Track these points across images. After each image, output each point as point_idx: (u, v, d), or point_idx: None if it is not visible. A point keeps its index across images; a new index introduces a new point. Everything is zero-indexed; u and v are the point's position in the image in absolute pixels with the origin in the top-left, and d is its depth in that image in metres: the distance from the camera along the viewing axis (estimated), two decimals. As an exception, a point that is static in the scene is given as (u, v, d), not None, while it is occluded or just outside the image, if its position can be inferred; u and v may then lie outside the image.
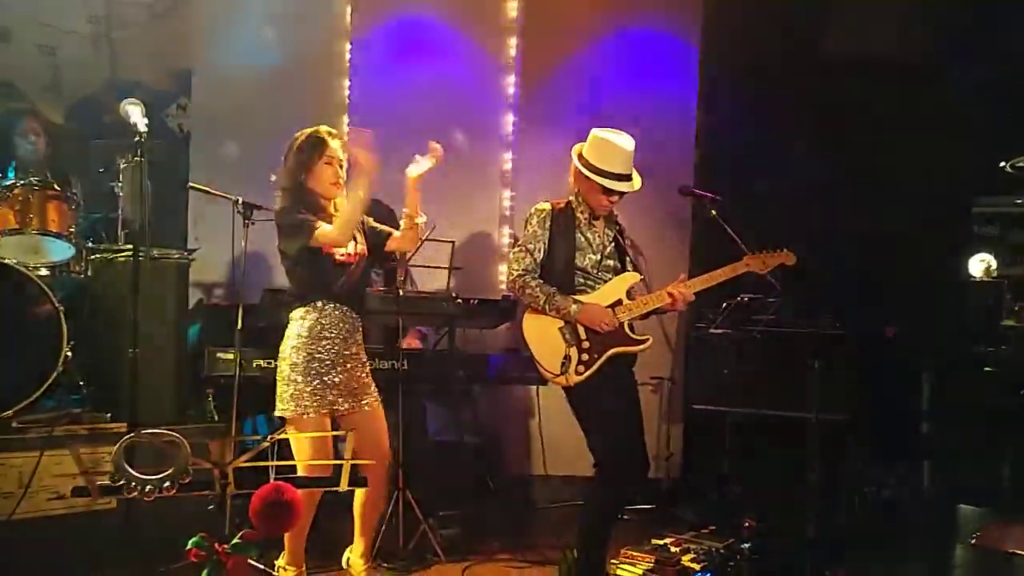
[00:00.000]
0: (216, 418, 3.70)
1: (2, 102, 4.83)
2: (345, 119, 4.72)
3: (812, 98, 4.77)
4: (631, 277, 3.17)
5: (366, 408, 2.93)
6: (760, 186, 4.74)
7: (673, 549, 3.56)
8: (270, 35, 4.86)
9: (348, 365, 2.89)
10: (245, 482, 2.08)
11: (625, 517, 4.25)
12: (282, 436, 2.15)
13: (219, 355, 3.59)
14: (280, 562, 2.95)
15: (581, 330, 3.03)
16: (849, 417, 3.89)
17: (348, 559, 3.10)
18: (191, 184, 3.86)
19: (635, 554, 3.45)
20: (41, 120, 4.42)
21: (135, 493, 1.92)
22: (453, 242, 3.92)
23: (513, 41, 4.88)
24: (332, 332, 2.87)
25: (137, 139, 2.77)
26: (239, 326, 3.36)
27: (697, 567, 3.40)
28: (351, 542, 3.08)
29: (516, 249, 3.14)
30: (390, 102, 4.72)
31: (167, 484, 1.91)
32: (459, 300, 3.74)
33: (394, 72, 4.83)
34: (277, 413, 2.86)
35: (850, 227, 4.57)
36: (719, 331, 4.29)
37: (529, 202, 3.23)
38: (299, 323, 2.87)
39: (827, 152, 4.74)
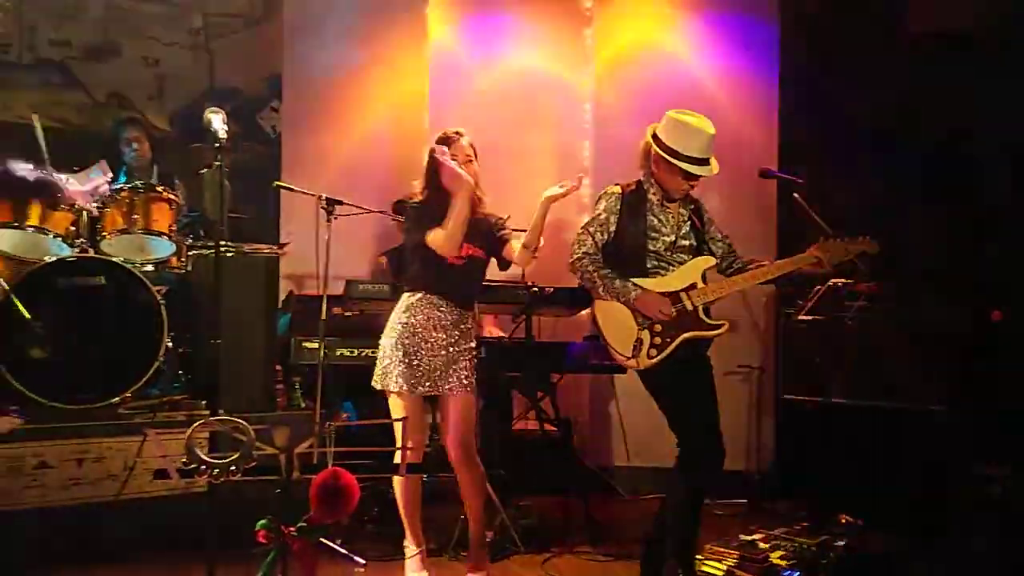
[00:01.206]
0: (303, 405, 3.85)
1: (114, 111, 5.21)
2: (426, 116, 4.80)
3: (898, 74, 4.48)
4: (706, 261, 3.06)
5: (448, 395, 3.04)
6: (847, 166, 4.49)
7: (761, 545, 3.42)
8: (353, 37, 5.02)
9: (439, 353, 3.01)
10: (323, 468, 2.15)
11: (717, 512, 4.15)
12: (341, 424, 2.20)
13: (305, 344, 3.74)
14: (405, 541, 3.13)
15: (654, 312, 2.97)
16: (952, 408, 3.62)
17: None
18: (277, 183, 4.03)
19: (721, 550, 3.35)
20: (145, 127, 4.72)
21: (205, 476, 2.01)
22: (526, 230, 3.90)
23: (589, 31, 4.83)
24: (430, 321, 3.02)
25: (217, 145, 2.92)
26: (323, 316, 3.48)
27: (785, 564, 3.27)
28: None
29: (579, 231, 3.10)
30: (469, 97, 4.78)
31: (232, 468, 1.99)
32: (534, 288, 3.72)
33: (472, 67, 4.89)
34: (372, 382, 3.08)
35: (947, 206, 4.26)
36: (809, 317, 4.09)
37: (605, 190, 3.18)
38: (402, 306, 3.07)
39: (918, 129, 4.44)
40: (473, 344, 3.13)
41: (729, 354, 4.40)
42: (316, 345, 3.57)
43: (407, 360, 2.99)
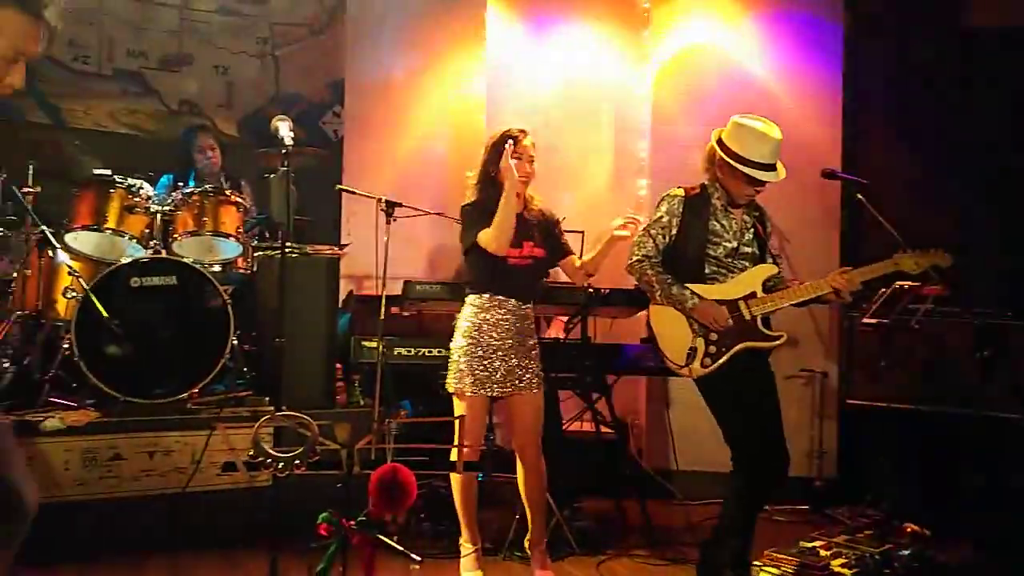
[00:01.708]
0: (362, 403, 3.92)
1: (186, 118, 5.41)
2: (483, 118, 4.85)
3: (967, 74, 4.31)
4: (767, 269, 3.02)
5: (522, 394, 3.04)
6: (914, 169, 4.36)
7: (822, 553, 3.37)
8: (412, 42, 5.10)
9: (511, 353, 3.03)
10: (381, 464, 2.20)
11: (777, 518, 4.08)
12: (401, 420, 2.25)
13: (364, 343, 3.80)
14: (461, 539, 3.17)
15: (711, 320, 2.94)
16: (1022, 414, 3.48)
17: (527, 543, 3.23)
18: (339, 186, 4.14)
19: (780, 556, 3.30)
20: (215, 134, 4.90)
21: (271, 469, 2.08)
22: (583, 232, 3.91)
23: (646, 31, 4.80)
24: (497, 321, 3.03)
25: (284, 151, 3.01)
26: (381, 316, 3.55)
27: (848, 573, 3.19)
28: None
29: (640, 233, 3.08)
30: (525, 99, 4.80)
31: (296, 462, 2.05)
32: (590, 289, 3.72)
33: (529, 70, 4.91)
34: (446, 386, 3.10)
35: (1018, 207, 4.09)
36: (874, 321, 3.98)
37: (664, 191, 3.17)
38: (469, 309, 3.08)
39: (986, 130, 4.27)
40: (535, 341, 3.15)
41: (791, 358, 4.32)
42: (375, 344, 3.64)
43: (481, 363, 3.00)
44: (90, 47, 5.25)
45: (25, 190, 3.87)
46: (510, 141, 3.04)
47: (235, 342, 3.80)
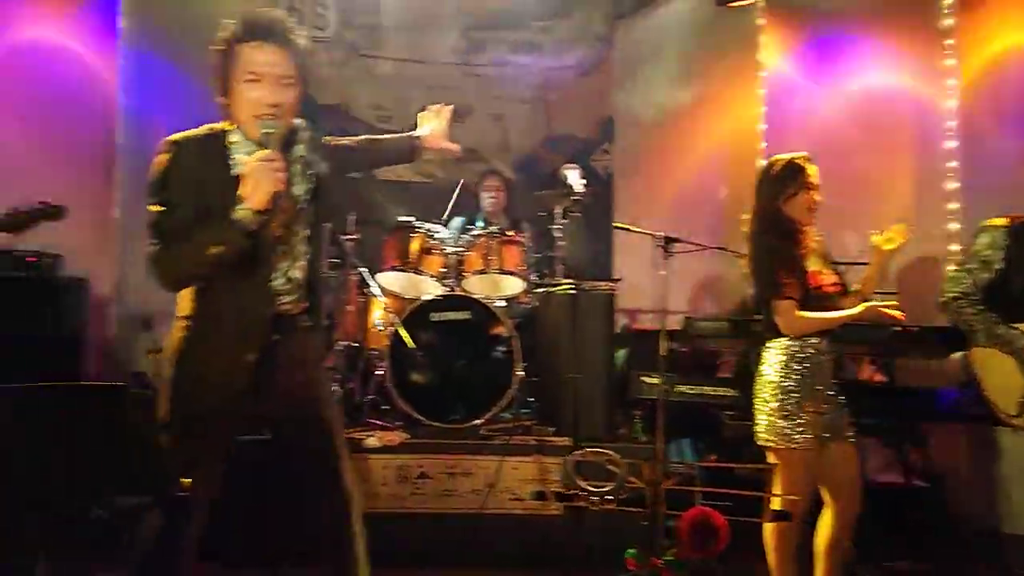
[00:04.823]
0: (642, 439, 3.91)
1: (469, 165, 5.85)
2: (760, 146, 4.69)
3: None
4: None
5: (843, 443, 2.74)
6: None
7: None
8: (681, 78, 5.11)
9: (823, 400, 2.72)
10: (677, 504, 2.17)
11: None
12: (707, 464, 2.20)
13: (644, 379, 3.81)
14: None
15: (1050, 365, 2.56)
16: None
17: None
18: (616, 224, 4.22)
19: None
20: (500, 177, 5.25)
21: (583, 502, 2.14)
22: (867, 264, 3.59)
23: (950, 41, 4.33)
24: (809, 365, 2.72)
25: (574, 198, 3.12)
26: (662, 352, 3.53)
27: None
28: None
29: (955, 268, 2.78)
30: (808, 125, 4.57)
31: (608, 498, 2.09)
32: (896, 327, 3.38)
33: (810, 92, 4.67)
34: (759, 441, 2.79)
35: None
36: None
37: (979, 217, 2.84)
38: (777, 353, 2.74)
39: None
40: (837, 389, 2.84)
41: None
42: (655, 380, 3.62)
43: (793, 413, 2.69)
44: (390, 108, 5.92)
45: (346, 236, 4.42)
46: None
47: (521, 372, 4.00)
